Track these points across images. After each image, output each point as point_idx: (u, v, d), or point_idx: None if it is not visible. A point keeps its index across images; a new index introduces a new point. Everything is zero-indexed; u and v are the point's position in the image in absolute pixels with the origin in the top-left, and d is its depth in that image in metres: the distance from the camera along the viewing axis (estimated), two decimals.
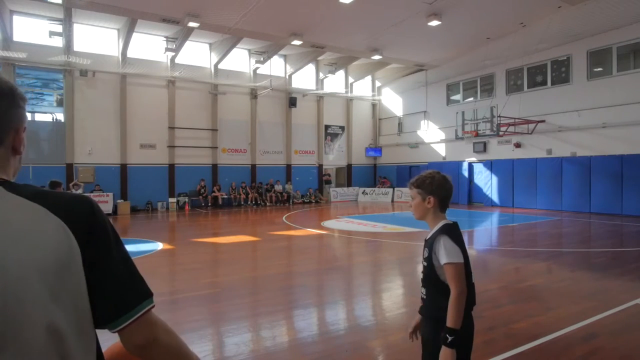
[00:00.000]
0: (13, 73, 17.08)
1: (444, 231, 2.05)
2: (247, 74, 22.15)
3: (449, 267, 1.97)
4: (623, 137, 15.66)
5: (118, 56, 18.78)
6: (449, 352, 1.90)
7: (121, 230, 13.83)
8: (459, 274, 1.96)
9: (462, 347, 2.00)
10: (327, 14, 15.39)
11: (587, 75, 16.90)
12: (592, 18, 14.91)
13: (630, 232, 11.61)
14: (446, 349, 1.91)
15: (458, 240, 2.03)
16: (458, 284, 1.95)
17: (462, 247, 2.03)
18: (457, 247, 2.00)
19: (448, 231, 2.05)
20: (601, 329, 4.42)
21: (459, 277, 1.96)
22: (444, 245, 1.99)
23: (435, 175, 2.15)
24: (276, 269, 7.69)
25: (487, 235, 12.19)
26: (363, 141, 26.79)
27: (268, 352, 3.96)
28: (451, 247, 1.99)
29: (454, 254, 1.97)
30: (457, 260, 1.97)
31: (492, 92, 20.40)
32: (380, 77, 25.92)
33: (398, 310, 5.18)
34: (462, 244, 2.04)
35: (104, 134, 18.76)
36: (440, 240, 2.02)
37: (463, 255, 2.01)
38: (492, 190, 20.22)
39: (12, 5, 16.42)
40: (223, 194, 21.06)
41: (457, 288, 1.94)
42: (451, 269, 1.96)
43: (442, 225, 2.09)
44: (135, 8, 14.90)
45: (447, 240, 2.00)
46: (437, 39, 17.78)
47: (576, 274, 6.94)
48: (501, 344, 4.02)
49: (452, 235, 2.03)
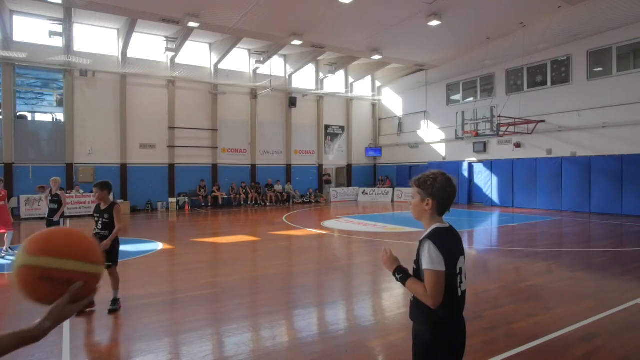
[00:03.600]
0: (13, 73, 17.09)
1: (431, 236, 1.99)
2: (247, 74, 22.15)
3: (428, 274, 1.92)
4: (623, 137, 15.66)
5: (118, 56, 18.78)
6: (391, 265, 2.11)
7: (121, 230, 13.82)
8: (437, 283, 1.90)
9: (450, 356, 1.97)
10: (327, 14, 15.39)
11: (587, 75, 16.90)
12: (592, 18, 14.90)
13: (630, 232, 11.60)
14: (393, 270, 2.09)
15: (444, 248, 1.95)
16: (433, 292, 1.89)
17: (448, 254, 1.95)
18: (441, 255, 1.93)
19: (435, 237, 1.99)
20: (601, 329, 4.42)
21: (436, 285, 1.90)
22: (427, 250, 1.94)
23: (439, 177, 2.06)
24: (276, 269, 7.69)
25: (487, 236, 12.18)
26: (363, 141, 26.79)
27: (268, 352, 3.96)
28: (434, 254, 1.92)
29: (435, 261, 1.92)
30: (436, 268, 1.91)
31: (492, 92, 20.41)
32: (380, 77, 25.92)
33: (398, 310, 5.18)
34: (449, 251, 1.96)
35: (104, 134, 18.76)
36: (426, 244, 1.97)
37: (447, 264, 1.93)
38: (492, 190, 20.21)
39: (12, 5, 16.42)
40: (223, 194, 21.07)
41: (431, 299, 1.89)
42: (430, 275, 1.91)
43: (433, 229, 2.03)
44: (135, 8, 14.89)
45: (431, 246, 1.94)
46: (437, 39, 17.77)
47: (576, 274, 6.93)
48: (501, 344, 4.02)
49: (438, 242, 1.96)
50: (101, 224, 5.20)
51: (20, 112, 17.98)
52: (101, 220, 5.20)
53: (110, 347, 4.10)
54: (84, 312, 3.97)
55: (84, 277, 1.25)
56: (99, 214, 5.24)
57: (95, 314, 5.07)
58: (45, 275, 1.19)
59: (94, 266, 1.29)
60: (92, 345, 4.13)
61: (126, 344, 4.23)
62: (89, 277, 1.27)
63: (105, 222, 5.18)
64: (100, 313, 5.10)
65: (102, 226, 5.19)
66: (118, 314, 5.08)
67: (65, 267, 1.22)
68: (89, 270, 1.27)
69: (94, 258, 1.30)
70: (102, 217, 5.20)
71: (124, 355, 3.97)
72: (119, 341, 4.30)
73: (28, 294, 1.22)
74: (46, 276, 1.19)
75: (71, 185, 17.79)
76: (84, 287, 1.25)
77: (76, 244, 1.28)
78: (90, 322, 4.79)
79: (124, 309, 5.26)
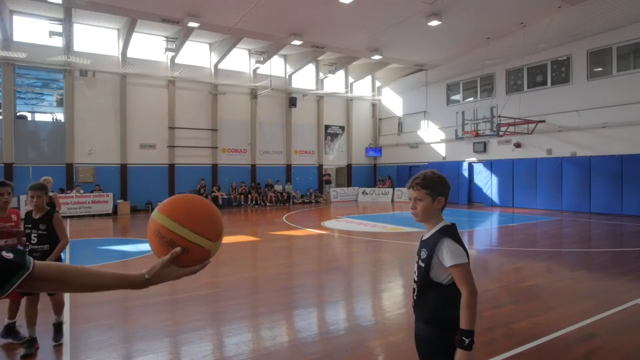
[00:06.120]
0: (13, 73, 17.10)
1: (446, 233, 2.01)
2: (247, 74, 22.15)
3: (456, 269, 1.93)
4: (623, 137, 15.66)
5: (118, 56, 18.78)
6: (466, 355, 1.86)
7: (121, 230, 13.84)
8: (467, 274, 1.94)
9: (454, 349, 1.97)
10: (327, 14, 15.39)
11: (587, 75, 16.90)
12: (592, 18, 14.90)
13: (630, 232, 11.60)
14: (462, 352, 1.86)
15: (460, 241, 2.00)
16: (468, 284, 1.92)
17: (464, 247, 2.00)
18: (461, 247, 1.97)
19: (450, 233, 2.01)
20: (601, 329, 4.42)
21: (468, 277, 1.93)
22: (448, 247, 1.96)
23: (439, 175, 2.09)
24: (276, 269, 7.69)
25: (487, 235, 12.18)
26: (363, 141, 26.79)
27: (268, 352, 3.96)
28: (455, 249, 1.95)
29: (458, 255, 1.94)
30: (463, 261, 1.94)
31: (492, 92, 20.41)
32: (380, 77, 25.92)
33: (398, 310, 5.18)
34: (463, 244, 2.01)
35: (104, 134, 18.76)
36: (444, 242, 1.97)
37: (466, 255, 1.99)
38: (492, 190, 20.21)
39: (12, 5, 16.42)
40: (223, 194, 21.07)
41: (467, 288, 1.91)
42: (458, 270, 1.93)
43: (443, 227, 2.04)
44: (135, 8, 14.89)
45: (450, 242, 1.97)
46: (437, 39, 17.77)
47: (576, 274, 6.94)
48: (501, 344, 4.02)
49: (454, 237, 2.00)
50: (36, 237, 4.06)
51: (20, 112, 17.98)
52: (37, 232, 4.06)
53: (110, 347, 4.10)
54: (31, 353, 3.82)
55: (186, 244, 1.31)
56: (32, 224, 4.08)
57: (95, 314, 5.07)
58: (158, 231, 1.33)
59: (200, 238, 1.34)
60: (92, 345, 4.13)
61: (126, 344, 4.23)
62: (192, 246, 1.32)
63: (42, 234, 4.07)
64: (100, 313, 5.10)
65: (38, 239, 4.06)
66: (118, 314, 5.08)
67: (172, 228, 1.31)
68: (193, 239, 1.32)
69: (205, 231, 1.35)
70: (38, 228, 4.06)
71: (124, 355, 3.97)
72: (119, 341, 4.30)
73: (149, 242, 1.37)
74: (158, 232, 1.33)
75: (71, 186, 17.80)
76: (186, 254, 1.32)
77: (193, 212, 1.36)
78: (90, 322, 4.79)
79: (124, 309, 5.26)
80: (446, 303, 1.97)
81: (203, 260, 1.38)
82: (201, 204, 1.40)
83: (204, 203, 1.42)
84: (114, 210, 17.92)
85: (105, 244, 10.35)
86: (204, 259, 1.38)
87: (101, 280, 1.26)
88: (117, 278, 1.28)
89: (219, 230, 1.40)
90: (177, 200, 1.41)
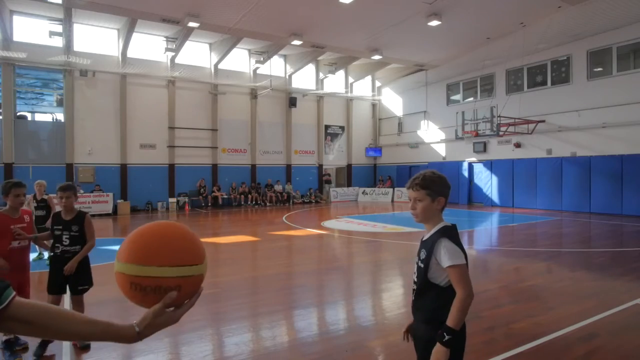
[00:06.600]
0: (13, 73, 17.09)
1: (445, 234, 2.01)
2: (247, 74, 22.15)
3: (453, 270, 1.93)
4: (623, 137, 15.66)
5: (118, 56, 18.78)
6: (443, 351, 1.86)
7: (121, 231, 13.84)
8: (464, 276, 1.93)
9: (455, 350, 1.96)
10: (327, 14, 15.39)
11: (587, 75, 16.90)
12: (592, 18, 14.90)
13: (630, 232, 11.60)
14: (440, 346, 1.86)
15: (459, 243, 2.00)
16: (465, 286, 1.91)
17: (462, 249, 2.00)
18: (459, 249, 1.97)
19: (448, 234, 2.01)
20: (601, 329, 4.42)
21: (464, 279, 1.92)
22: (445, 248, 1.95)
23: (439, 175, 2.08)
24: (276, 269, 7.69)
25: (487, 235, 12.18)
26: (363, 141, 26.79)
27: (268, 352, 3.96)
28: (453, 250, 1.95)
29: (456, 256, 1.94)
30: (460, 262, 1.93)
31: (492, 92, 20.40)
32: (380, 77, 25.92)
33: (398, 310, 5.18)
34: (462, 246, 2.01)
35: (104, 134, 18.76)
36: (442, 242, 1.97)
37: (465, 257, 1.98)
38: (492, 190, 20.21)
39: (12, 5, 16.42)
40: (223, 194, 21.07)
41: (464, 290, 1.90)
42: (455, 271, 1.92)
43: (442, 227, 2.04)
44: (135, 8, 14.89)
45: (448, 243, 1.97)
46: (437, 39, 17.77)
47: (576, 274, 6.93)
48: (501, 344, 4.02)
49: (453, 238, 2.00)
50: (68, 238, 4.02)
51: (20, 112, 17.98)
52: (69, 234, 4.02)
53: (110, 347, 4.10)
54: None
55: (176, 282, 1.13)
56: (63, 225, 4.03)
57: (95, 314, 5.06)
58: (135, 283, 1.12)
59: (188, 268, 1.16)
60: (92, 345, 4.12)
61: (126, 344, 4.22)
62: (184, 281, 1.14)
63: (75, 235, 4.04)
64: (100, 313, 5.10)
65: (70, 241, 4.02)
66: (118, 314, 5.08)
67: (153, 274, 1.11)
68: (182, 273, 1.14)
69: (190, 258, 1.17)
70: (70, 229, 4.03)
71: (124, 355, 3.97)
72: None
73: (128, 299, 1.17)
74: (136, 284, 1.12)
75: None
76: (180, 291, 1.14)
77: (164, 246, 1.15)
78: None
79: (124, 309, 5.26)
80: (445, 304, 1.97)
81: (198, 289, 1.21)
82: (157, 233, 1.19)
83: (159, 230, 1.20)
84: (114, 210, 17.92)
85: (106, 244, 10.34)
86: (199, 286, 1.22)
87: (90, 329, 1.08)
88: (105, 331, 1.09)
89: (201, 248, 1.24)
90: (134, 240, 1.17)
